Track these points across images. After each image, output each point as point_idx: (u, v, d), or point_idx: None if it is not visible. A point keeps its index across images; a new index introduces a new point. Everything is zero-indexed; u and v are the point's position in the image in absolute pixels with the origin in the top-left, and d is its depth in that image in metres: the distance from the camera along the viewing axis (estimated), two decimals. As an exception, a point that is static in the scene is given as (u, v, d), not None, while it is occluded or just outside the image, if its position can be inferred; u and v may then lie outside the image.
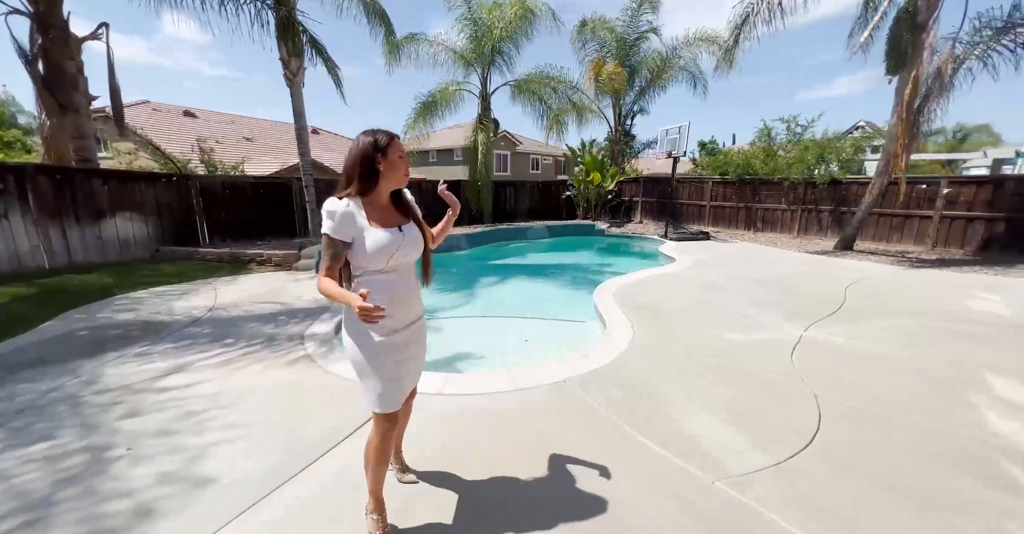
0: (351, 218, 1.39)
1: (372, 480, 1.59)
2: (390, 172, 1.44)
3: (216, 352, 3.42)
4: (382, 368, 1.46)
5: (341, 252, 1.40)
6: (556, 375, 2.98)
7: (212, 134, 14.95)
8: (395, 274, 1.48)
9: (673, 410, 2.48)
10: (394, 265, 1.46)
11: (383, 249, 1.40)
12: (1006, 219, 7.65)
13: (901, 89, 6.81)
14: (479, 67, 11.04)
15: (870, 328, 3.90)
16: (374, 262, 1.41)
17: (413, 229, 1.51)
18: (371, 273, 1.44)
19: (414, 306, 1.56)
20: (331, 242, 1.38)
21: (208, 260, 7.01)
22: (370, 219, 1.42)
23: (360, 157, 1.40)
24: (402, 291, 1.49)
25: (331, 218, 1.37)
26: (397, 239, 1.43)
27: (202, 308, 4.59)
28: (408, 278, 1.54)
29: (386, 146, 1.41)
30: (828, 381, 2.83)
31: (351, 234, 1.39)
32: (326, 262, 1.40)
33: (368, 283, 1.43)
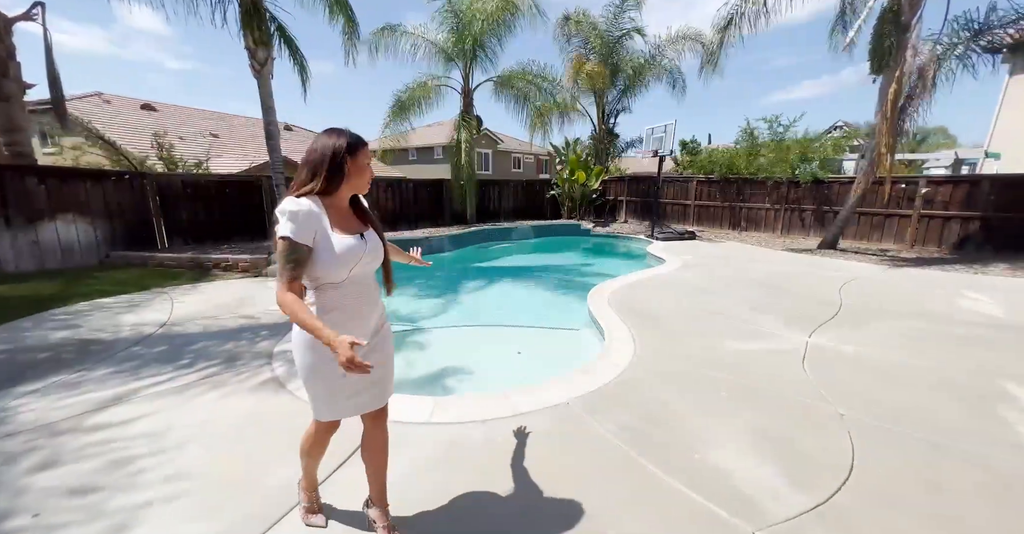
0: (316, 219, 1.25)
1: (304, 472, 1.66)
2: (356, 176, 1.33)
3: (166, 377, 2.97)
4: (332, 383, 1.35)
5: (305, 258, 1.24)
6: (557, 396, 2.69)
7: (174, 129, 13.99)
8: (354, 286, 1.36)
9: (693, 438, 2.22)
10: (355, 275, 1.34)
11: (348, 257, 1.28)
12: (981, 218, 7.83)
13: (885, 88, 6.83)
14: (461, 62, 10.64)
15: (874, 333, 3.77)
16: (336, 272, 1.28)
17: (374, 236, 1.41)
18: (327, 285, 1.31)
19: (374, 317, 1.46)
20: (293, 247, 1.21)
21: (166, 266, 6.40)
22: (332, 223, 1.29)
23: (331, 154, 1.28)
24: (361, 303, 1.39)
25: (293, 219, 1.21)
26: (361, 246, 1.33)
27: (154, 323, 4.08)
28: (367, 289, 1.42)
29: (357, 148, 1.31)
30: (849, 397, 2.64)
31: (313, 237, 1.25)
32: (287, 272, 1.22)
33: (324, 295, 1.31)
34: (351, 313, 1.36)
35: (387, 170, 20.20)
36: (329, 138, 1.30)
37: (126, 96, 15.37)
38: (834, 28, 8.39)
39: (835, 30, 8.39)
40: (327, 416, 1.43)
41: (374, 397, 1.47)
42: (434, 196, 11.44)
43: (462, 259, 9.33)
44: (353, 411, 1.44)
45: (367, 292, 1.41)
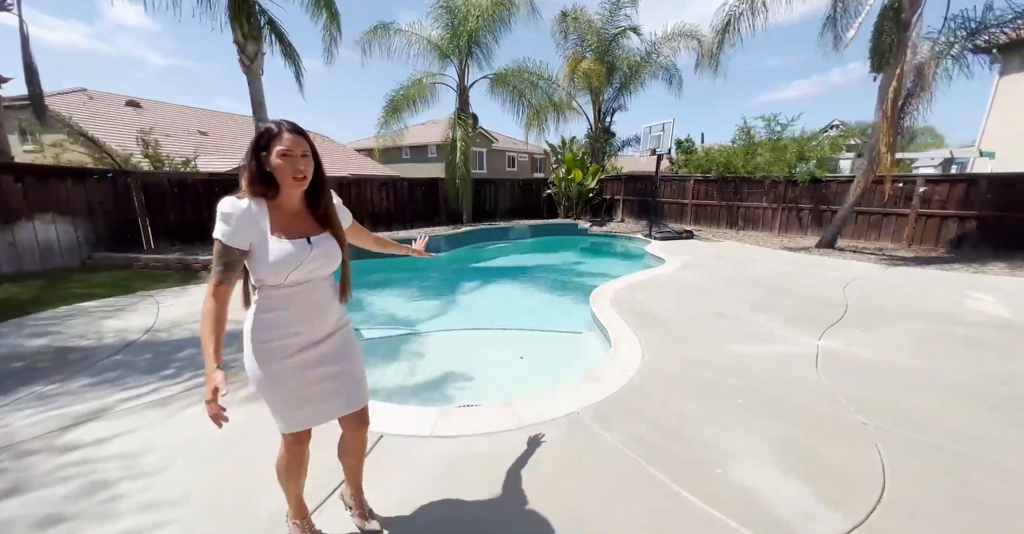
0: (250, 222, 1.19)
1: (287, 495, 1.52)
2: (277, 173, 1.21)
3: (151, 388, 2.80)
4: (283, 391, 1.30)
5: (236, 261, 1.20)
6: (566, 406, 2.56)
7: (160, 126, 13.64)
8: (299, 288, 1.28)
9: (712, 451, 2.10)
10: (296, 280, 1.26)
11: (282, 263, 1.21)
12: (978, 217, 7.85)
13: (885, 86, 6.79)
14: (456, 58, 10.45)
15: (885, 336, 3.69)
16: (272, 276, 1.22)
17: (326, 241, 1.31)
18: (269, 286, 1.25)
19: (327, 321, 1.37)
20: (224, 249, 1.18)
21: (152, 268, 6.17)
22: (273, 226, 1.22)
23: (247, 155, 1.22)
24: (309, 306, 1.31)
25: (225, 221, 1.18)
26: (301, 253, 1.24)
27: (138, 329, 3.88)
28: (317, 292, 1.33)
29: (270, 142, 1.20)
30: (868, 404, 2.54)
31: (248, 241, 1.20)
32: (217, 274, 1.19)
33: (270, 297, 1.26)
34: (295, 316, 1.29)
35: (380, 169, 19.97)
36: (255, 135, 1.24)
37: (110, 92, 14.95)
38: (825, 27, 8.37)
39: (825, 29, 8.37)
40: (286, 427, 1.37)
41: (338, 405, 1.41)
42: (429, 195, 11.26)
43: (459, 259, 9.17)
44: (315, 420, 1.39)
45: (315, 296, 1.33)
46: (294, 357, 1.30)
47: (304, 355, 1.32)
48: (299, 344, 1.31)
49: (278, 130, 1.20)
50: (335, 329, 1.41)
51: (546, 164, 33.77)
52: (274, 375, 1.29)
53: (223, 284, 1.19)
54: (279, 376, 1.29)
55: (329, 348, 1.37)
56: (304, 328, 1.31)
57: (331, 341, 1.38)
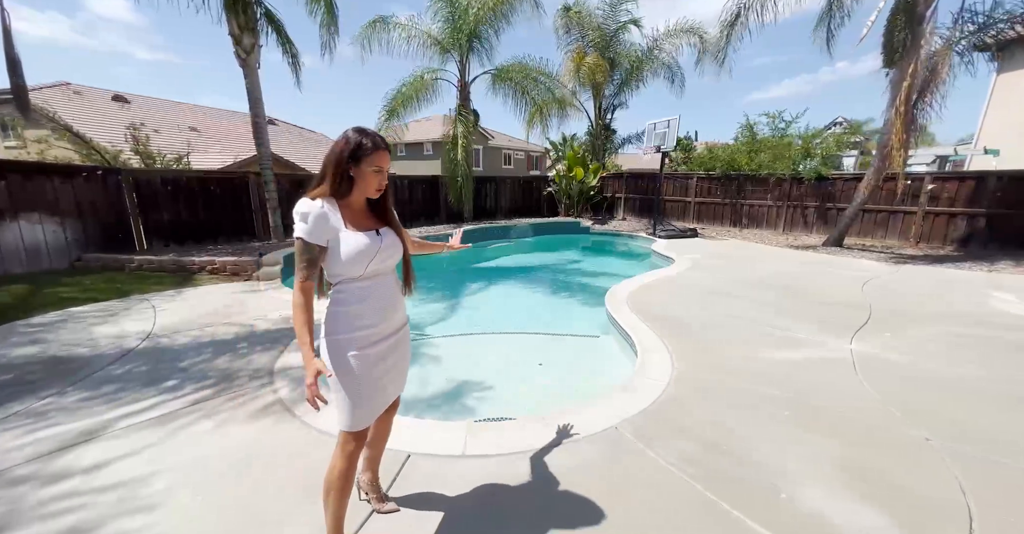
0: (325, 219, 1.28)
1: (332, 515, 1.42)
2: (361, 182, 1.34)
3: (151, 403, 2.59)
4: (357, 383, 1.34)
5: (317, 257, 1.30)
6: (602, 419, 2.40)
7: (149, 122, 13.24)
8: (374, 281, 1.39)
9: (770, 472, 1.95)
10: (373, 271, 1.36)
11: (361, 253, 1.31)
12: (986, 215, 7.81)
13: (898, 82, 6.69)
14: (457, 53, 10.21)
15: (918, 339, 3.57)
16: (352, 268, 1.31)
17: (390, 234, 1.42)
18: (348, 281, 1.35)
19: (397, 315, 1.48)
20: (305, 246, 1.27)
21: (145, 270, 5.91)
22: (345, 221, 1.32)
23: (335, 161, 1.31)
24: (382, 299, 1.40)
25: (304, 220, 1.26)
26: (375, 243, 1.34)
27: (136, 335, 3.66)
28: (389, 285, 1.45)
29: (362, 157, 1.30)
30: (925, 417, 2.40)
31: (326, 237, 1.29)
32: (301, 270, 1.28)
33: (346, 291, 1.35)
34: (372, 307, 1.36)
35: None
36: (341, 141, 1.31)
37: (96, 87, 14.48)
38: (819, 24, 8.28)
39: (820, 25, 8.29)
40: (356, 423, 1.37)
41: (395, 391, 1.52)
42: (430, 193, 11.03)
43: (462, 259, 8.97)
44: (377, 413, 1.44)
45: (388, 288, 1.43)
46: (369, 349, 1.36)
47: (377, 348, 1.38)
48: (374, 336, 1.37)
49: (374, 147, 1.30)
50: (402, 323, 1.50)
51: (542, 162, 33.54)
52: (352, 367, 1.33)
53: (308, 279, 1.28)
54: (357, 368, 1.33)
55: (396, 341, 1.45)
56: (379, 320, 1.38)
57: (399, 335, 1.47)
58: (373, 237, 1.34)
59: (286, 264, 6.11)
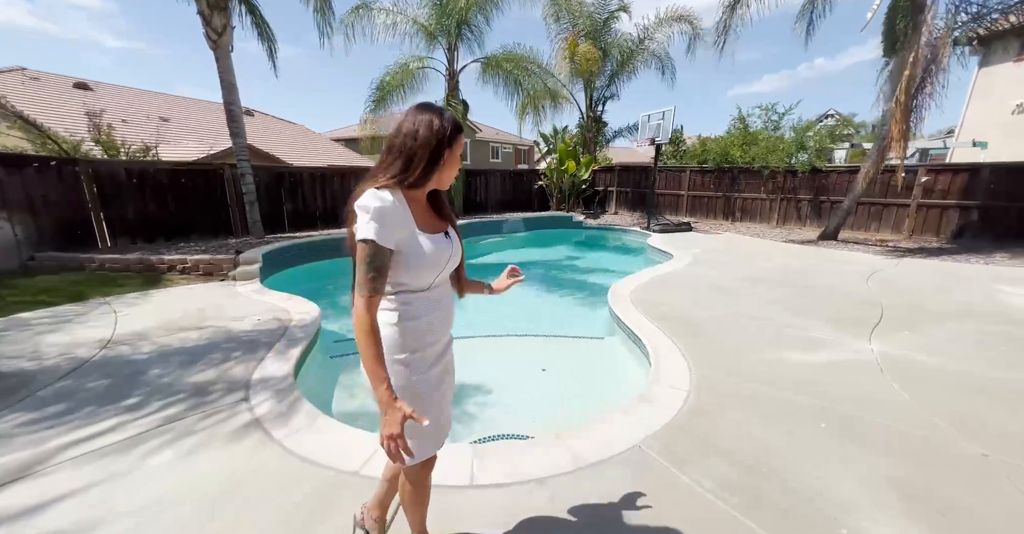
0: (400, 217, 1.04)
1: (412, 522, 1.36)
2: (449, 169, 1.12)
3: (107, 426, 2.24)
4: (429, 408, 1.17)
5: (387, 266, 1.04)
6: (623, 436, 2.15)
7: (116, 111, 12.43)
8: (440, 290, 1.20)
9: (822, 500, 1.72)
10: (441, 279, 1.18)
11: (436, 260, 1.11)
12: (979, 207, 7.84)
13: (898, 71, 6.58)
14: (445, 40, 9.76)
15: (939, 338, 3.42)
16: (423, 277, 1.11)
17: (455, 235, 1.23)
18: (412, 291, 1.13)
19: (451, 325, 1.29)
20: (376, 251, 1.01)
21: (109, 269, 5.43)
22: (416, 221, 1.09)
23: (436, 141, 1.04)
24: (445, 310, 1.22)
25: (379, 218, 1.00)
26: (447, 247, 1.15)
27: (92, 344, 3.26)
28: (447, 294, 1.26)
29: (456, 136, 1.09)
30: (977, 429, 2.20)
31: (396, 239, 1.04)
32: (369, 282, 1.01)
33: (412, 303, 1.13)
34: (434, 321, 1.17)
35: (361, 160, 19.05)
36: (429, 118, 1.05)
37: (56, 73, 13.53)
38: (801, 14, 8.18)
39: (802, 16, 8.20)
40: (429, 450, 1.22)
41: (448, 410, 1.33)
42: (418, 186, 10.61)
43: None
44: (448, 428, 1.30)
45: (447, 296, 1.24)
46: (434, 368, 1.20)
47: (440, 366, 1.22)
48: (436, 353, 1.21)
49: (453, 126, 1.08)
50: (451, 336, 1.32)
51: (530, 155, 33.16)
52: (422, 391, 1.16)
53: (376, 294, 1.02)
54: (425, 392, 1.17)
55: (450, 354, 1.30)
56: (440, 335, 1.21)
57: (450, 348, 1.30)
58: (444, 240, 1.14)
59: (265, 263, 5.70)
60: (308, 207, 8.75)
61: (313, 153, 17.44)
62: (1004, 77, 13.46)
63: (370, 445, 2.10)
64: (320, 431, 2.24)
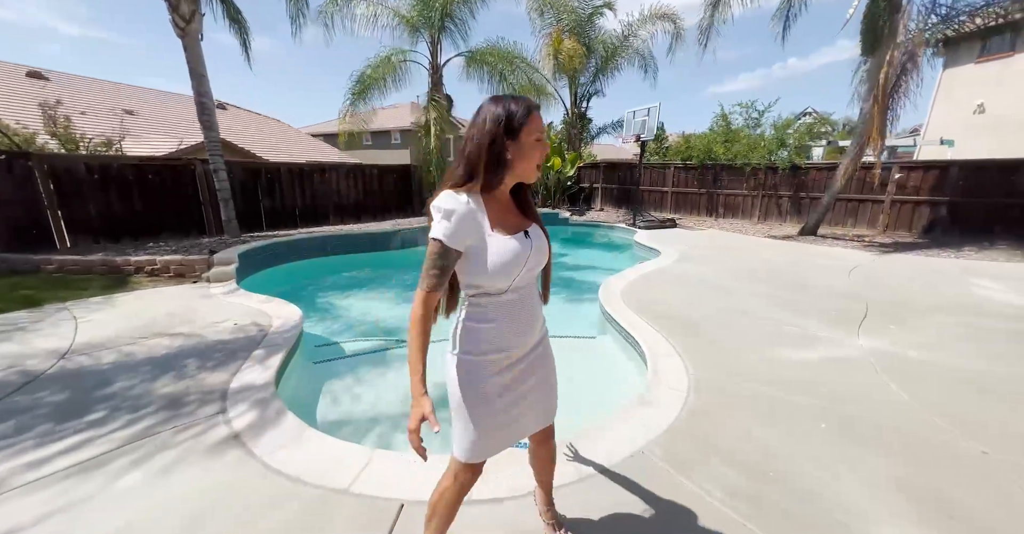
0: (472, 220, 1.02)
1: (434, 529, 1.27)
2: (520, 161, 1.04)
3: (66, 445, 2.04)
4: (485, 413, 1.13)
5: (452, 265, 1.04)
6: (625, 441, 2.08)
7: (75, 103, 11.70)
8: (519, 293, 1.12)
9: (833, 505, 1.69)
10: (520, 282, 1.10)
11: (511, 263, 1.04)
12: (949, 203, 8.13)
13: (875, 71, 6.73)
14: (428, 33, 9.52)
15: (928, 333, 3.47)
16: (497, 281, 1.06)
17: (539, 233, 1.14)
18: (489, 294, 1.09)
19: (537, 330, 1.21)
20: (443, 251, 1.01)
21: (68, 272, 5.07)
22: (492, 222, 1.05)
23: (487, 143, 1.01)
24: (521, 314, 1.14)
25: (447, 218, 1.00)
26: (526, 248, 1.07)
27: (47, 354, 3.01)
28: (533, 296, 1.19)
29: (520, 127, 1.01)
30: (974, 426, 2.20)
31: (468, 241, 1.03)
32: (431, 278, 1.02)
33: (487, 306, 1.10)
34: (510, 326, 1.13)
35: (341, 156, 18.56)
36: (485, 116, 1.02)
37: (6, 62, 12.63)
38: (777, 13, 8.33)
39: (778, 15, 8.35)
40: (472, 456, 1.16)
41: (536, 419, 1.28)
42: (401, 184, 10.37)
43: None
44: (504, 445, 1.22)
45: (529, 300, 1.17)
46: (503, 375, 1.15)
47: (511, 373, 1.16)
48: (509, 360, 1.15)
49: (527, 110, 1.02)
50: (540, 338, 1.25)
51: (514, 151, 32.96)
52: (480, 395, 1.13)
53: (436, 290, 1.04)
54: (485, 396, 1.13)
55: (536, 361, 1.22)
56: (519, 341, 1.15)
57: (536, 352, 1.22)
58: (523, 241, 1.07)
59: (242, 263, 5.44)
60: (287, 204, 8.42)
61: (290, 148, 16.88)
62: (966, 78, 14.07)
63: (360, 459, 1.97)
64: (305, 445, 2.09)
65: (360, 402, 3.02)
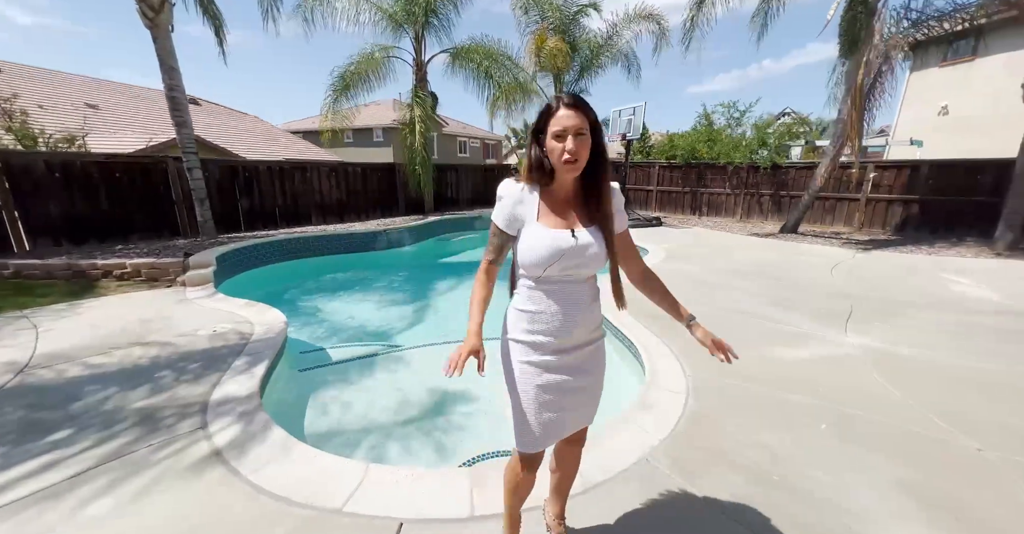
0: (517, 206, 1.13)
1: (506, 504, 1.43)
2: (551, 157, 1.08)
3: (27, 470, 1.87)
4: (522, 397, 1.19)
5: (505, 245, 1.20)
6: (629, 448, 2.04)
7: (32, 96, 11.03)
8: (560, 286, 1.15)
9: (842, 511, 1.67)
10: (553, 276, 1.13)
11: (539, 256, 1.09)
12: (920, 201, 8.44)
13: (853, 73, 6.91)
14: (411, 28, 9.31)
15: (910, 329, 3.55)
16: (532, 269, 1.13)
17: (593, 236, 1.12)
18: (530, 280, 1.17)
19: (583, 328, 1.19)
20: (498, 232, 1.19)
21: (27, 277, 4.75)
22: (541, 213, 1.12)
23: (530, 140, 1.15)
24: (561, 309, 1.15)
25: (499, 202, 1.17)
26: (561, 244, 1.08)
27: (3, 368, 2.78)
28: (580, 293, 1.17)
29: (543, 123, 1.08)
30: (967, 422, 2.23)
31: (516, 227, 1.15)
32: (490, 252, 1.21)
33: (527, 291, 1.18)
34: (547, 317, 1.15)
35: (321, 153, 18.11)
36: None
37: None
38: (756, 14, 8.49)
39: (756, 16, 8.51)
40: (525, 445, 1.23)
41: (573, 421, 1.28)
42: (386, 182, 10.14)
43: (426, 254, 8.33)
44: (547, 439, 1.24)
45: (570, 297, 1.16)
46: (537, 359, 1.18)
47: (547, 360, 1.18)
48: (547, 348, 1.17)
49: (555, 106, 1.06)
50: (588, 340, 1.23)
51: (498, 150, 32.84)
52: (515, 377, 1.20)
53: (494, 263, 1.21)
54: (520, 379, 1.19)
55: (577, 360, 1.21)
56: (556, 330, 1.16)
57: (582, 352, 1.21)
58: (563, 237, 1.09)
59: (220, 265, 5.20)
60: (266, 204, 8.12)
61: (269, 146, 16.35)
62: (932, 81, 14.65)
63: (354, 475, 1.87)
64: (293, 461, 1.97)
65: (350, 411, 2.90)
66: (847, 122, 6.99)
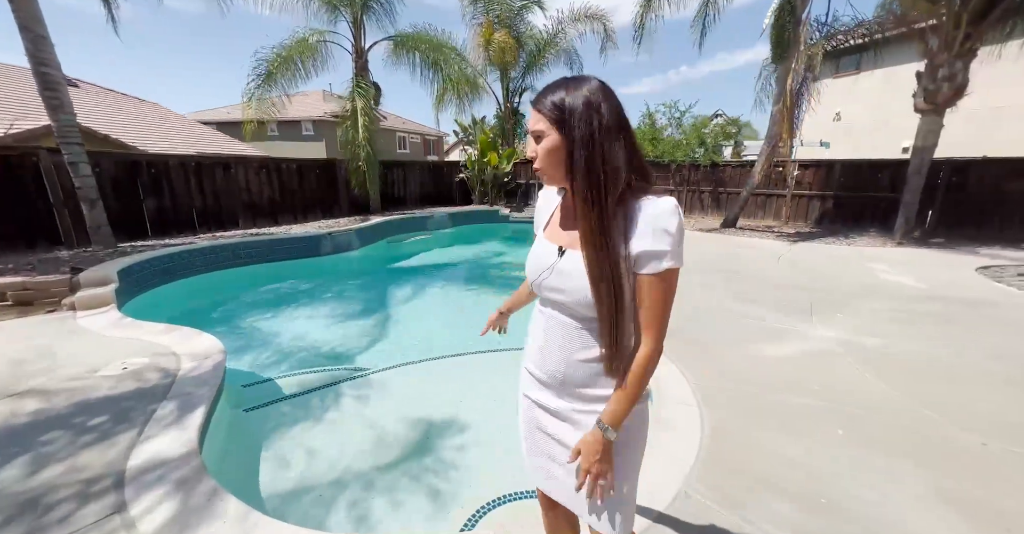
0: (540, 211, 1.07)
1: None
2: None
3: None
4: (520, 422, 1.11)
5: None
6: (663, 480, 1.84)
7: None
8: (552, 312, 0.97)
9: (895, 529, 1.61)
10: (549, 298, 0.96)
11: (528, 266, 1.00)
12: (834, 197, 9.44)
13: (783, 77, 7.46)
14: (348, 12, 8.48)
15: (870, 320, 3.76)
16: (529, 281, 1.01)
17: (574, 261, 0.87)
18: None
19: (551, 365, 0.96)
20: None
21: None
22: (551, 222, 1.01)
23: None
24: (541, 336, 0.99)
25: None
26: (544, 261, 0.95)
27: None
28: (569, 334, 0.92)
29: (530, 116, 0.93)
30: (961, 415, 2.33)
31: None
32: None
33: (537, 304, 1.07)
34: (531, 340, 1.03)
35: (240, 147, 16.22)
36: None
37: None
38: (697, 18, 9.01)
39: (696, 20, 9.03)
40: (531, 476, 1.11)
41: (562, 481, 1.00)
42: (325, 180, 9.22)
43: (375, 259, 7.67)
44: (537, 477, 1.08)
45: (557, 331, 0.94)
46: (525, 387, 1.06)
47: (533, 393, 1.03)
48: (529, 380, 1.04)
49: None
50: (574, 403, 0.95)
51: (439, 146, 31.83)
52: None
53: None
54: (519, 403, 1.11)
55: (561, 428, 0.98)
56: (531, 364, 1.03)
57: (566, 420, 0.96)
58: (549, 253, 0.95)
59: (124, 282, 4.27)
60: (180, 205, 6.95)
61: (175, 138, 14.23)
62: (827, 90, 16.64)
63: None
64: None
65: (318, 458, 2.41)
66: (779, 122, 7.55)
